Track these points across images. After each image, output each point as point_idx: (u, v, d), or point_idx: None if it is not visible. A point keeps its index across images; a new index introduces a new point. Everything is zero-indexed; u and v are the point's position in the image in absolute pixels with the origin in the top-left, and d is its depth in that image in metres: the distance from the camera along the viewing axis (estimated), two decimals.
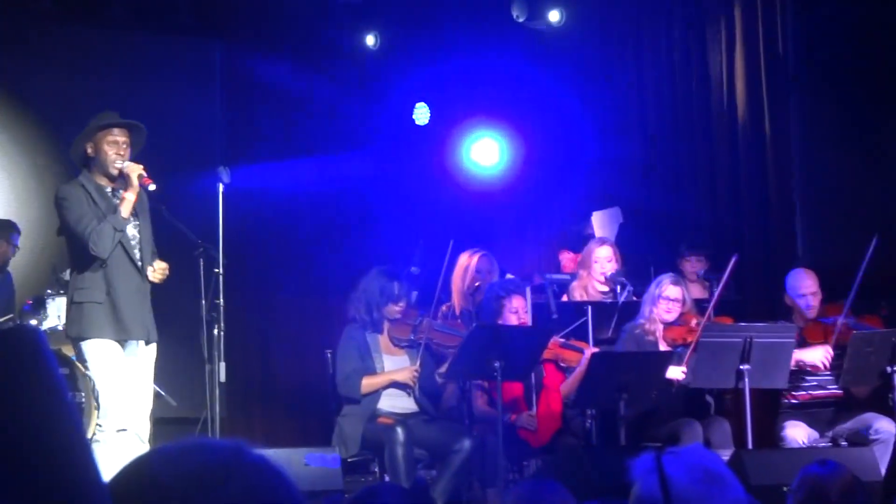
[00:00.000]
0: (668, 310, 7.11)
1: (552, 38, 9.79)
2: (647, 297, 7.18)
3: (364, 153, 9.84)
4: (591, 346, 7.15)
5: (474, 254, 7.90)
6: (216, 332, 6.57)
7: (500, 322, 7.02)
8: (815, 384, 7.17)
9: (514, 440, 6.90)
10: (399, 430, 6.71)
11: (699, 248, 8.41)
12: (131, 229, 6.01)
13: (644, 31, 9.72)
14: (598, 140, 9.86)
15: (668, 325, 7.14)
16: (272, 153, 9.58)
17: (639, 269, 8.19)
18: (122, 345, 5.96)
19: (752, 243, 8.80)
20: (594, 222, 9.19)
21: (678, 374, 6.86)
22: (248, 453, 1.33)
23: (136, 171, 5.95)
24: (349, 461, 6.86)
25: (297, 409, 9.51)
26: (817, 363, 6.99)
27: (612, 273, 7.67)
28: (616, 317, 7.47)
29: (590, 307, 7.45)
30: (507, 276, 8.00)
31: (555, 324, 7.24)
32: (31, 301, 7.90)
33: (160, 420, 7.32)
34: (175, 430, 7.90)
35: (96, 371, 5.89)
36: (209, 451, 1.32)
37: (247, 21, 9.65)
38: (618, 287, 7.62)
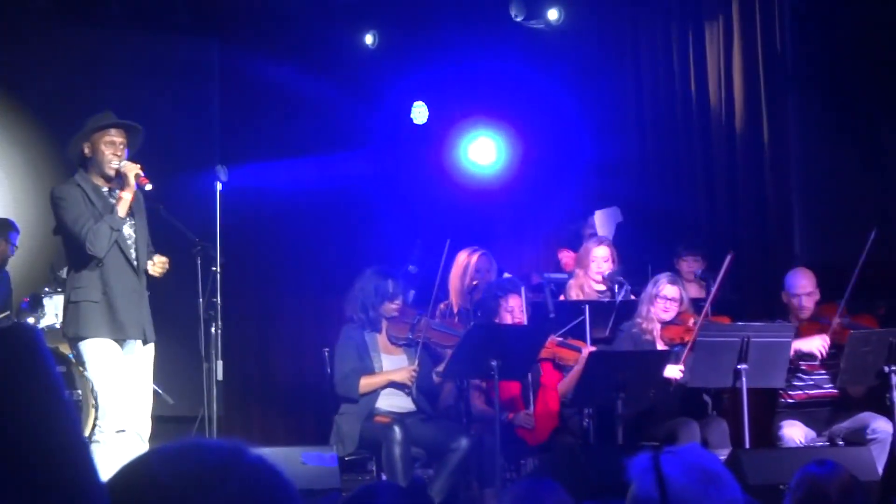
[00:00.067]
0: (666, 309, 7.12)
1: (550, 38, 9.79)
2: (645, 297, 7.18)
3: (362, 152, 9.84)
4: (588, 345, 7.15)
5: (473, 253, 7.90)
6: (214, 330, 6.57)
7: (496, 321, 7.03)
8: (811, 383, 7.17)
9: (511, 439, 6.90)
10: (396, 429, 6.71)
11: (696, 248, 8.41)
12: (127, 229, 5.99)
13: (642, 30, 9.72)
14: (596, 139, 9.86)
15: (665, 325, 7.14)
16: (270, 152, 9.58)
17: (636, 269, 8.19)
18: (120, 344, 5.95)
19: (749, 242, 8.80)
20: (597, 221, 9.19)
21: (676, 372, 6.86)
22: (246, 454, 1.34)
23: (134, 170, 5.94)
24: (346, 460, 6.86)
25: (294, 407, 9.52)
26: (814, 351, 6.99)
27: (611, 272, 7.68)
28: (614, 316, 7.47)
29: (587, 306, 7.44)
30: (505, 275, 8.00)
31: (552, 323, 7.24)
32: (28, 299, 7.90)
33: (158, 418, 7.29)
34: (172, 429, 7.88)
35: (94, 371, 5.87)
36: (208, 452, 1.33)
37: (244, 20, 9.65)
38: (615, 286, 7.63)
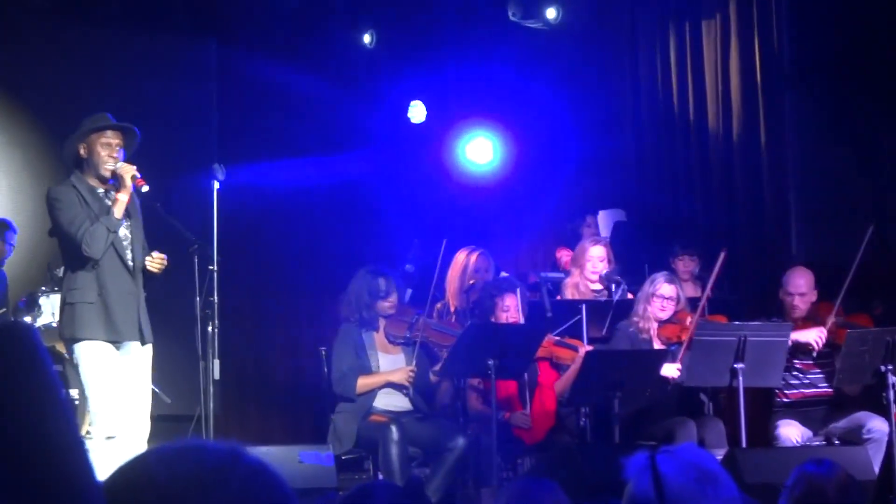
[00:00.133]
0: (663, 308, 7.12)
1: (547, 37, 9.79)
2: (642, 296, 7.19)
3: (359, 151, 9.83)
4: (585, 345, 7.15)
5: (472, 252, 7.90)
6: (210, 329, 6.57)
7: (493, 320, 7.03)
8: (807, 382, 7.18)
9: (508, 438, 6.90)
10: (393, 428, 6.70)
11: (692, 247, 8.41)
12: (123, 230, 5.97)
13: (639, 28, 9.73)
14: (593, 138, 9.87)
15: (662, 324, 7.15)
16: (267, 151, 9.58)
17: (633, 268, 8.19)
18: (116, 346, 5.92)
19: (746, 241, 8.81)
20: (600, 222, 9.20)
21: (673, 371, 6.87)
22: (244, 456, 1.34)
23: (130, 172, 5.92)
24: (343, 459, 6.86)
25: (291, 406, 9.52)
26: (811, 342, 7.00)
27: (607, 271, 7.68)
28: (610, 315, 7.47)
29: (584, 305, 7.45)
30: (502, 274, 8.00)
31: (549, 322, 7.24)
32: (25, 298, 7.88)
33: (155, 417, 7.29)
34: (169, 428, 7.87)
35: (87, 375, 5.82)
36: (206, 453, 1.33)
37: (242, 19, 9.63)
38: (612, 285, 7.63)
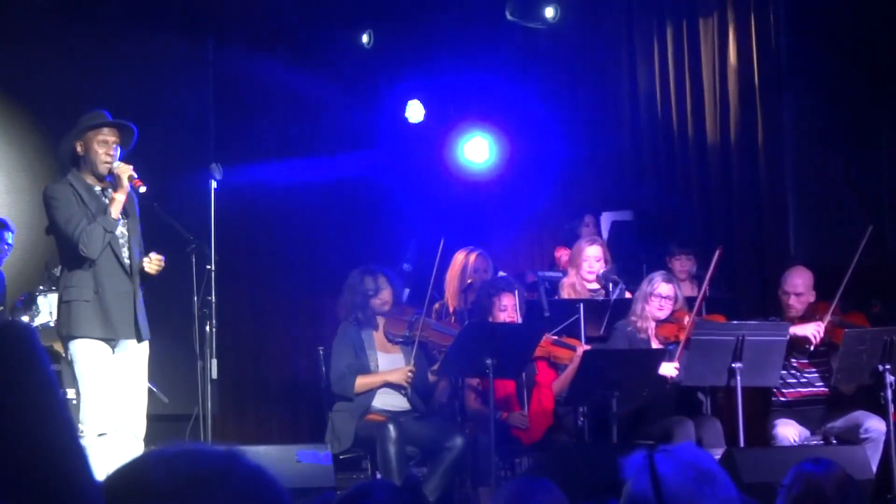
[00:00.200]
0: (661, 307, 7.12)
1: (544, 36, 9.79)
2: (639, 295, 7.19)
3: (356, 151, 9.83)
4: (583, 344, 7.15)
5: (471, 253, 7.90)
6: (208, 328, 6.56)
7: (490, 320, 7.02)
8: (805, 381, 7.18)
9: (505, 437, 6.89)
10: (391, 428, 6.71)
11: (688, 247, 8.40)
12: (120, 228, 5.96)
13: (636, 27, 9.72)
14: (591, 138, 9.87)
15: (660, 323, 7.15)
16: (264, 150, 9.57)
17: (631, 267, 8.19)
18: (112, 345, 5.91)
19: (743, 241, 8.81)
20: (603, 223, 9.20)
21: (671, 370, 6.87)
22: (242, 460, 1.35)
23: (127, 172, 5.91)
24: (341, 458, 6.86)
25: (289, 405, 9.51)
26: (809, 335, 7.01)
27: (605, 271, 7.68)
28: (608, 314, 7.47)
29: (582, 304, 7.45)
30: (500, 273, 8.00)
31: (547, 321, 7.24)
32: (23, 297, 7.87)
33: (152, 417, 7.28)
34: (167, 427, 7.87)
35: (81, 373, 5.83)
36: (204, 456, 1.33)
37: (239, 18, 9.63)
38: (610, 285, 7.63)
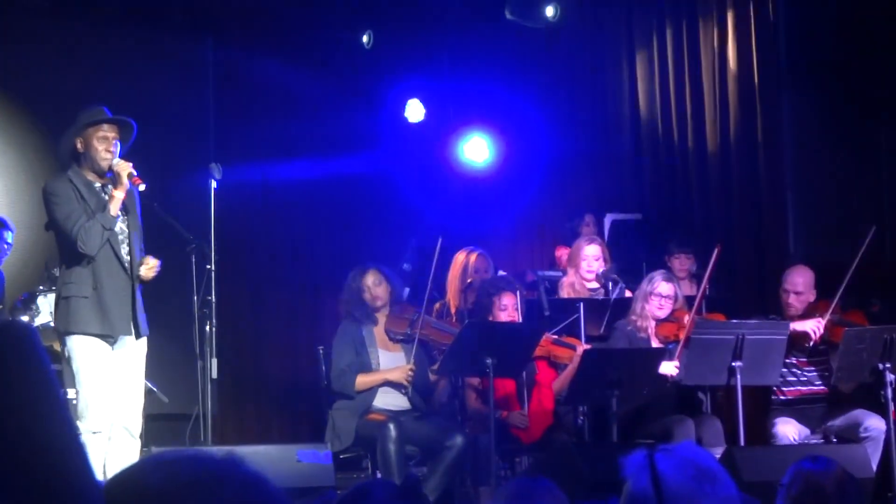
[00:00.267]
0: (661, 306, 7.12)
1: (544, 36, 9.79)
2: (639, 294, 7.19)
3: (356, 150, 9.83)
4: (583, 343, 7.15)
5: (471, 253, 7.90)
6: (208, 328, 6.56)
7: (491, 319, 7.03)
8: (804, 380, 7.19)
9: (505, 437, 6.90)
10: (391, 427, 6.70)
11: (687, 246, 8.40)
12: (119, 224, 5.94)
13: (636, 26, 9.73)
14: (591, 137, 9.87)
15: (660, 322, 7.15)
16: (264, 150, 9.57)
17: (631, 267, 8.19)
18: (110, 341, 5.89)
19: (743, 240, 8.80)
20: (606, 224, 9.21)
21: (671, 369, 6.87)
22: (241, 467, 1.35)
23: (127, 170, 5.90)
24: (341, 457, 6.86)
25: (289, 405, 9.51)
26: (808, 331, 7.02)
27: (604, 270, 7.69)
28: (608, 313, 7.47)
29: (581, 304, 7.45)
30: (500, 272, 8.00)
31: (547, 320, 7.24)
32: (22, 297, 7.87)
33: (152, 416, 7.30)
34: (166, 427, 7.88)
35: (78, 369, 5.81)
36: (204, 462, 1.34)
37: (239, 17, 9.63)
38: (610, 284, 7.63)
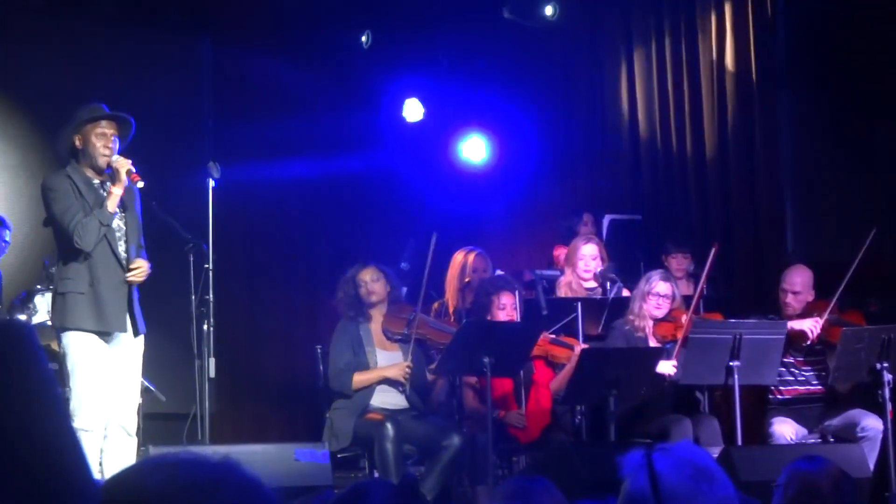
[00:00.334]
0: (658, 306, 7.13)
1: (541, 35, 9.79)
2: (637, 294, 7.19)
3: (354, 150, 9.83)
4: (580, 343, 7.15)
5: (469, 252, 7.90)
6: (206, 327, 6.56)
7: (489, 318, 7.03)
8: (802, 379, 7.19)
9: (503, 436, 6.90)
10: (389, 426, 6.71)
11: (685, 245, 8.40)
12: (117, 221, 5.93)
13: (634, 25, 9.73)
14: (588, 136, 9.87)
15: (657, 322, 7.15)
16: (262, 149, 9.57)
17: (628, 266, 8.19)
18: (106, 338, 5.88)
19: (741, 240, 8.81)
20: (605, 225, 9.21)
21: (669, 368, 6.87)
22: (237, 471, 1.36)
23: (125, 167, 5.91)
24: (339, 457, 6.86)
25: (286, 404, 9.51)
26: (806, 330, 7.02)
27: (602, 269, 7.68)
28: (606, 313, 7.47)
29: (579, 303, 7.44)
30: (497, 272, 8.00)
31: (545, 320, 7.24)
32: (20, 296, 7.87)
33: (149, 416, 7.30)
34: (164, 426, 7.88)
35: (72, 365, 5.80)
36: (201, 466, 1.34)
37: (236, 17, 9.62)
38: (607, 283, 7.63)
